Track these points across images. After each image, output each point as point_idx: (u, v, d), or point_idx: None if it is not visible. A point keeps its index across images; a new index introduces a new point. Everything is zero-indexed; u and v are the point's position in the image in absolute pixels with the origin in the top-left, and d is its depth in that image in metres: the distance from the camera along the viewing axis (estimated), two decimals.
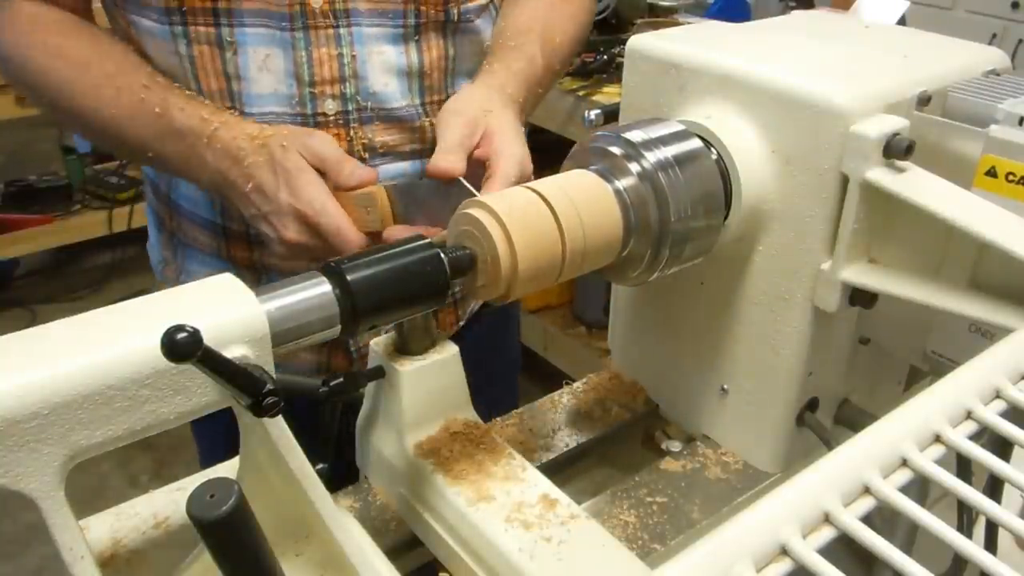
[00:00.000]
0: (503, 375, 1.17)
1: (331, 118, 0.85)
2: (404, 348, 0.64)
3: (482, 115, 0.75)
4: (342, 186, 0.72)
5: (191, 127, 0.77)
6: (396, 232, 0.72)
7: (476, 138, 0.74)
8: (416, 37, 0.87)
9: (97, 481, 2.26)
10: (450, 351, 0.64)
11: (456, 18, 0.89)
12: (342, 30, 0.84)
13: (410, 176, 0.90)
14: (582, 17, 0.97)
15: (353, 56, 0.85)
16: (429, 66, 0.89)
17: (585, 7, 0.98)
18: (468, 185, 0.69)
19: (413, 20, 0.86)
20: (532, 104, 0.86)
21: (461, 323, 1.04)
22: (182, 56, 0.83)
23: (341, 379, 0.62)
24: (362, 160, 0.86)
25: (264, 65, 0.83)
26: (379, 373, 0.64)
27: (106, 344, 0.43)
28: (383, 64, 0.86)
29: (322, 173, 0.73)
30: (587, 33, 1.00)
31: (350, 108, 0.86)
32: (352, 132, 0.87)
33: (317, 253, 0.74)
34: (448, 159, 0.70)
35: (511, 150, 0.73)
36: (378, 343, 0.65)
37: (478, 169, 0.73)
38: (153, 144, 0.79)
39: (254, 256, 0.92)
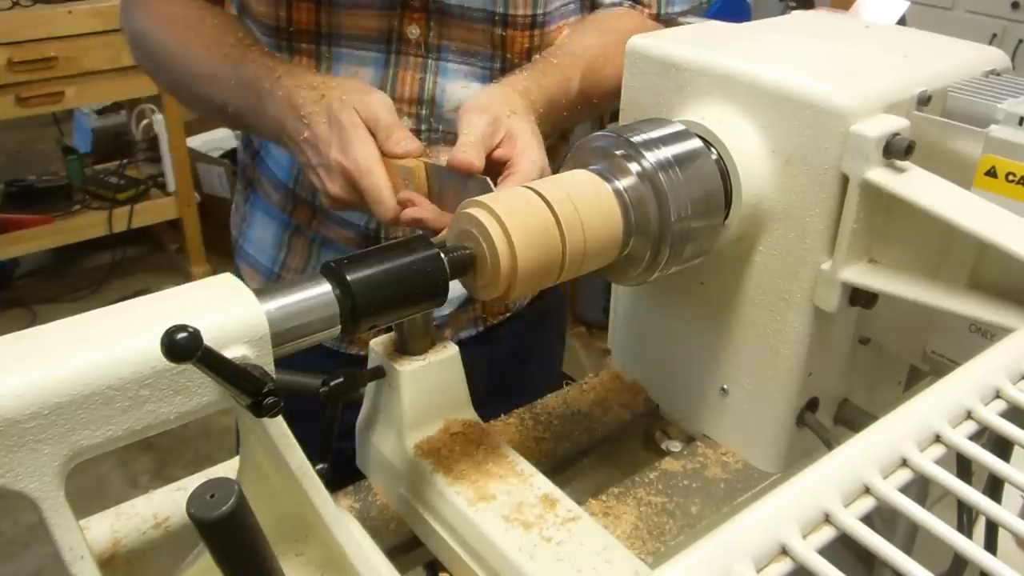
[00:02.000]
0: (544, 370, 1.18)
1: None
2: (404, 348, 0.64)
3: (505, 116, 0.75)
4: (387, 152, 0.73)
5: (258, 75, 0.79)
6: (410, 197, 0.72)
7: (498, 137, 0.74)
8: (501, 79, 0.89)
9: (97, 481, 2.27)
10: (450, 351, 0.64)
11: None
12: (430, 61, 0.89)
13: None
14: None
15: (434, 83, 0.89)
16: None
17: None
18: (489, 181, 0.69)
19: (499, 64, 0.90)
20: (551, 124, 0.85)
21: (508, 313, 1.05)
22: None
23: (341, 379, 0.62)
24: None
25: (352, 77, 0.88)
26: (379, 373, 0.64)
27: (106, 344, 0.43)
28: (464, 96, 0.89)
29: (372, 133, 0.74)
30: None
31: (422, 128, 0.90)
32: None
33: (357, 207, 0.76)
34: (469, 153, 0.70)
35: (533, 155, 0.73)
36: (378, 343, 0.65)
37: (495, 168, 0.73)
38: (230, 98, 0.82)
39: (313, 224, 0.97)
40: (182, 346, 0.38)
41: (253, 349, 0.46)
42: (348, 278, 0.51)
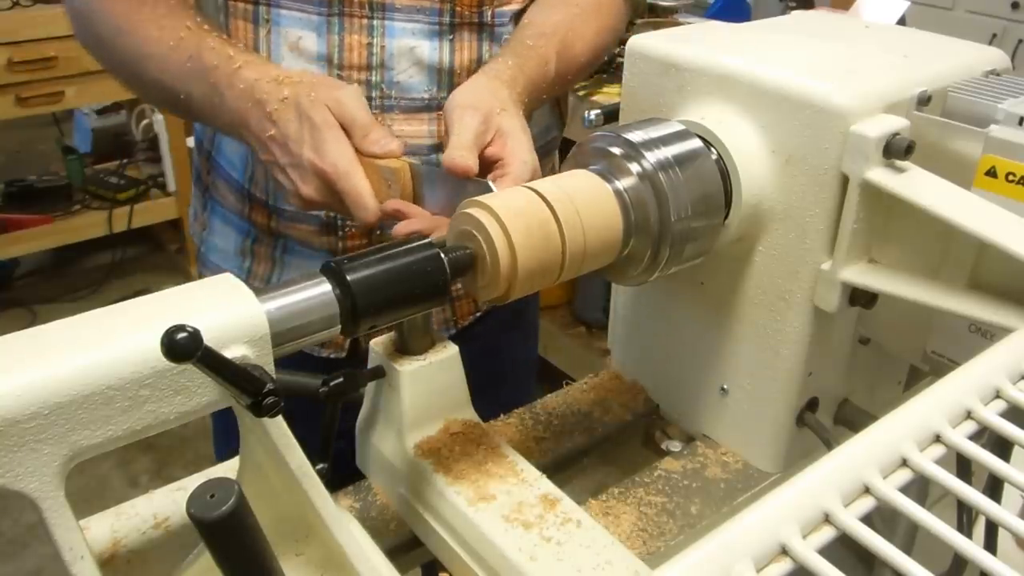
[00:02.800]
0: (517, 371, 1.18)
1: None
2: (404, 348, 0.64)
3: (496, 113, 0.74)
4: (366, 152, 0.70)
5: (216, 64, 0.76)
6: (399, 207, 0.71)
7: (489, 136, 0.73)
8: (451, 36, 0.88)
9: (97, 481, 2.26)
10: (450, 351, 0.64)
11: (490, 21, 0.90)
12: (375, 22, 0.86)
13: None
14: (608, 35, 0.96)
15: (382, 47, 0.87)
16: (459, 66, 0.90)
17: (615, 25, 0.97)
18: (490, 183, 0.68)
19: (448, 19, 0.88)
20: (531, 107, 0.85)
21: (479, 313, 1.05)
22: (219, 25, 0.85)
23: (341, 379, 0.62)
24: None
25: (296, 46, 0.86)
26: (379, 373, 0.64)
27: (106, 344, 0.43)
28: (413, 58, 0.88)
29: (347, 131, 0.71)
30: (612, 46, 0.99)
31: (373, 95, 0.88)
32: None
33: (333, 209, 0.74)
34: (463, 155, 0.69)
35: (524, 155, 0.72)
36: (378, 343, 0.65)
37: (485, 167, 0.73)
38: (183, 84, 0.79)
39: (272, 224, 0.95)
40: (182, 346, 0.38)
41: (253, 349, 0.46)
42: (348, 278, 0.51)
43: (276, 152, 0.72)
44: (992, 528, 0.52)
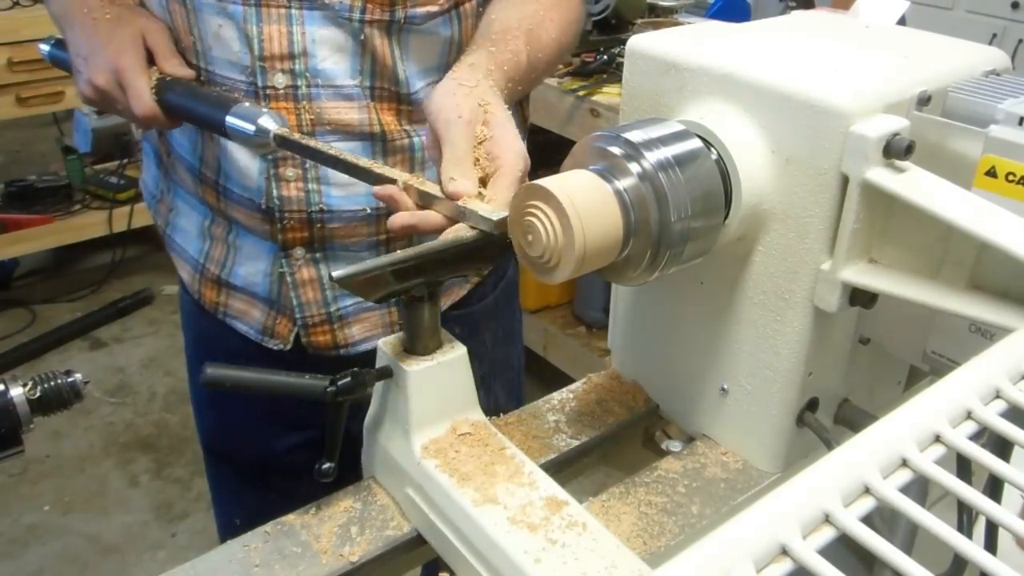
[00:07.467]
0: (496, 377, 1.17)
1: (280, 91, 0.89)
2: (412, 348, 0.64)
3: (480, 111, 0.74)
4: (164, 71, 0.88)
5: None
6: (391, 193, 0.73)
7: (478, 134, 0.73)
8: (362, 35, 0.88)
9: (97, 481, 2.26)
10: (458, 352, 0.64)
11: (402, 20, 0.89)
12: (294, 11, 0.87)
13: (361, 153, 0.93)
14: (571, 27, 0.97)
15: (303, 34, 0.88)
16: (376, 55, 0.90)
17: (575, 16, 0.98)
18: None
19: (359, 15, 0.88)
20: (509, 98, 0.85)
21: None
22: (164, 8, 0.92)
23: (348, 378, 0.62)
24: (311, 134, 0.91)
25: (218, 33, 0.88)
26: (387, 373, 0.64)
27: None
28: (334, 44, 0.88)
29: (151, 53, 0.89)
30: (574, 41, 0.99)
31: (299, 83, 0.89)
32: (301, 107, 0.89)
33: (114, 103, 0.88)
34: (462, 180, 0.69)
35: (515, 145, 0.72)
36: (386, 343, 0.65)
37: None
38: None
39: (220, 205, 0.98)
40: None
41: None
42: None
43: (84, 46, 0.88)
44: (992, 528, 0.52)
